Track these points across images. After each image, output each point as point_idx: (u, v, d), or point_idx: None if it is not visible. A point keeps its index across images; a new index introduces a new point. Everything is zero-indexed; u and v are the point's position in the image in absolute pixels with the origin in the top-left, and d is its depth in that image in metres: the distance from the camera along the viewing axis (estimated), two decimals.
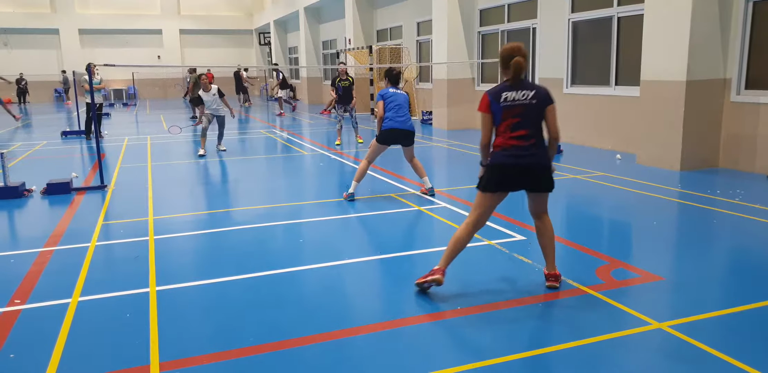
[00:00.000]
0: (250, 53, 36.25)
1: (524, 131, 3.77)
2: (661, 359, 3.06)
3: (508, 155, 3.79)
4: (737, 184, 7.16)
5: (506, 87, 3.81)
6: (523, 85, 3.80)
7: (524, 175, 3.83)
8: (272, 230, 5.77)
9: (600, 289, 3.95)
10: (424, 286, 3.93)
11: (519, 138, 3.77)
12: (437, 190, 7.20)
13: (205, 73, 10.85)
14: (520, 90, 3.78)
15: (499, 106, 3.78)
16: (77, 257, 4.90)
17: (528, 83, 3.83)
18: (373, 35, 20.35)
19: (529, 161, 3.79)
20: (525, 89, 3.78)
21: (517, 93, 3.77)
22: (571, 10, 11.05)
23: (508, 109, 3.77)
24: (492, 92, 3.82)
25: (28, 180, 7.88)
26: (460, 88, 14.28)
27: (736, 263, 4.69)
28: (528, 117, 3.78)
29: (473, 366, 2.98)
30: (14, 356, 3.21)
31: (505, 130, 3.80)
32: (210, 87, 10.57)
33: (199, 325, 3.58)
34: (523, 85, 3.80)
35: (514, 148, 3.78)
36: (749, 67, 8.04)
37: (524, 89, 3.78)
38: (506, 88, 3.80)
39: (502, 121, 3.80)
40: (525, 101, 3.77)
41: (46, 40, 31.51)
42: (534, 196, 3.97)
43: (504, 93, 3.78)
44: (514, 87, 3.79)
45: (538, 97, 3.79)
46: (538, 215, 4.04)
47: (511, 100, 3.76)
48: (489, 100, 3.81)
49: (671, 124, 8.18)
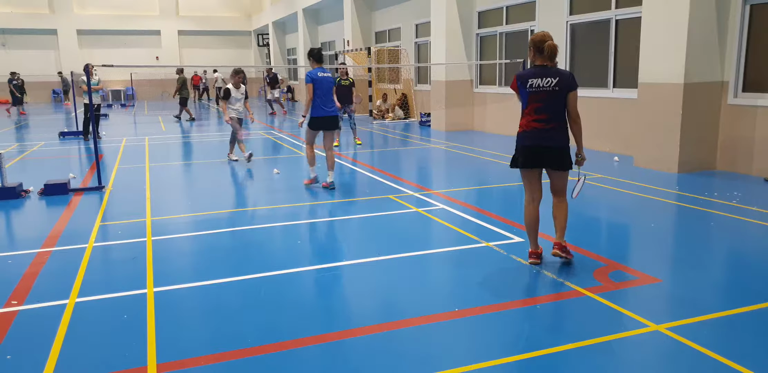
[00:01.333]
0: (248, 54, 36.26)
1: (545, 115, 4.21)
2: (658, 362, 3.06)
3: (529, 137, 4.28)
4: (735, 187, 7.17)
5: (533, 72, 4.20)
6: (549, 71, 4.18)
7: (543, 155, 4.27)
8: (270, 231, 5.76)
9: (597, 291, 3.96)
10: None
11: (539, 121, 4.23)
12: (436, 192, 7.21)
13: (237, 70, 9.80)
14: (546, 77, 4.16)
15: (525, 91, 4.21)
16: (75, 258, 4.89)
17: (553, 70, 4.19)
18: (371, 37, 20.37)
19: (547, 143, 4.24)
20: (549, 76, 4.16)
21: (542, 80, 4.16)
22: (570, 13, 11.07)
23: (534, 95, 4.20)
24: (521, 76, 4.24)
25: (26, 181, 7.87)
26: (458, 89, 14.29)
27: (733, 265, 4.70)
28: (549, 103, 4.19)
29: (471, 368, 2.98)
30: (11, 357, 3.20)
31: (529, 113, 4.27)
32: (240, 85, 9.80)
33: (196, 326, 3.58)
34: (548, 71, 4.18)
35: (534, 130, 4.25)
36: (746, 70, 8.06)
37: (549, 76, 4.16)
38: (533, 73, 4.19)
39: (528, 104, 4.26)
40: (548, 88, 4.17)
41: (44, 41, 31.48)
42: (552, 174, 4.41)
43: (530, 79, 4.19)
44: (540, 73, 4.18)
45: (560, 85, 4.17)
46: (557, 193, 4.44)
47: (536, 86, 4.17)
48: (518, 84, 4.27)
49: (669, 126, 8.19)
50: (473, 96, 14.40)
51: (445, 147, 11.60)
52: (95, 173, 8.02)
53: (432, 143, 12.24)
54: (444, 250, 5.01)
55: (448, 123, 14.33)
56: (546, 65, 4.22)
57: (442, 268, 4.64)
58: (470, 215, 6.07)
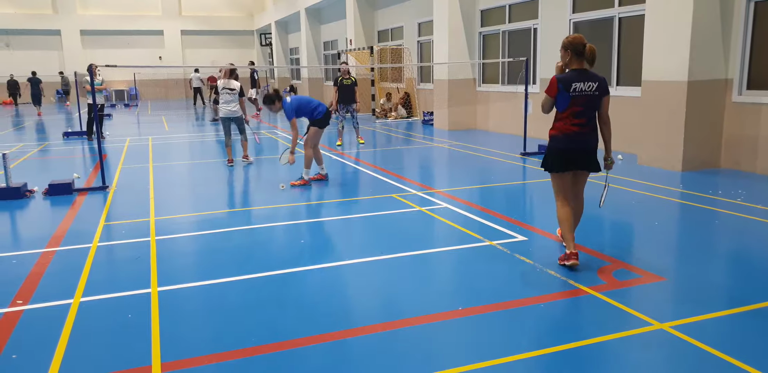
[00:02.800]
0: (251, 54, 36.28)
1: (584, 119, 4.24)
2: (663, 360, 3.06)
3: (568, 140, 4.27)
4: (739, 185, 7.15)
5: (575, 76, 4.15)
6: (589, 75, 4.17)
7: (579, 157, 4.31)
8: (273, 230, 5.77)
9: (602, 289, 3.95)
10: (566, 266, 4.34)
11: (579, 125, 4.24)
12: (439, 190, 7.20)
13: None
14: (587, 81, 4.15)
15: (568, 95, 4.16)
16: (79, 257, 4.91)
17: (592, 74, 4.21)
18: (374, 36, 20.36)
19: (585, 146, 4.29)
20: (590, 80, 4.16)
21: (585, 84, 4.15)
22: (573, 11, 11.05)
23: (576, 99, 4.17)
24: (563, 80, 4.15)
25: (30, 181, 7.90)
26: (461, 88, 14.27)
27: (737, 263, 4.69)
28: (589, 107, 4.22)
29: (475, 367, 2.98)
30: (16, 356, 3.21)
31: (568, 117, 4.23)
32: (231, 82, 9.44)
33: (200, 325, 3.58)
34: (589, 75, 4.17)
35: (574, 134, 4.25)
36: (751, 68, 8.03)
37: (590, 80, 4.16)
38: (575, 77, 4.15)
39: (567, 108, 4.21)
40: (590, 93, 4.18)
41: (48, 41, 31.56)
42: (579, 176, 4.46)
43: (574, 83, 4.14)
44: (581, 77, 4.15)
45: (600, 89, 4.21)
46: (577, 195, 4.52)
47: (580, 90, 4.15)
48: (559, 88, 4.17)
49: (673, 124, 8.17)
50: (476, 95, 14.38)
51: (448, 146, 11.59)
52: (99, 173, 8.04)
53: (435, 142, 12.23)
54: (447, 249, 5.01)
55: (451, 122, 14.32)
56: (585, 69, 4.20)
57: (445, 267, 4.64)
58: (473, 214, 6.07)
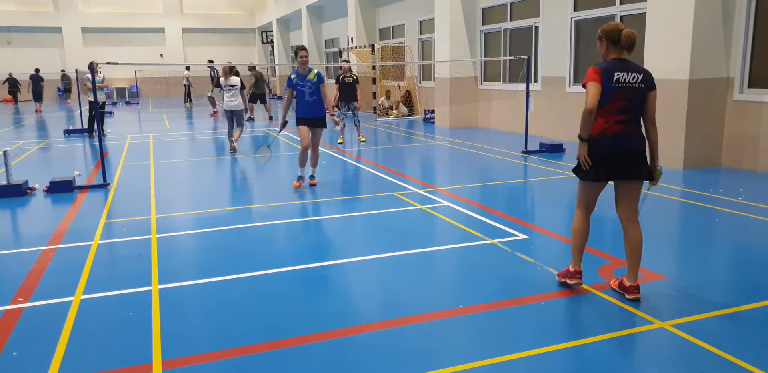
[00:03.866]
0: (252, 52, 36.28)
1: (629, 116, 3.63)
2: (664, 358, 3.05)
3: (613, 141, 3.62)
4: (740, 183, 7.14)
5: (616, 65, 3.61)
6: (630, 65, 3.64)
7: (625, 162, 3.66)
8: (275, 228, 5.77)
9: (603, 288, 3.95)
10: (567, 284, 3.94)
11: (623, 123, 3.63)
12: (440, 189, 7.20)
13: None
14: (631, 72, 3.60)
15: (611, 86, 3.57)
16: (80, 255, 4.91)
17: (634, 64, 3.66)
18: (375, 34, 20.34)
19: (630, 147, 3.65)
20: (634, 71, 3.62)
21: (628, 75, 3.59)
22: (574, 9, 11.03)
23: (619, 91, 3.59)
24: (604, 68, 3.60)
25: (31, 178, 7.90)
26: (462, 86, 14.26)
27: (739, 262, 4.68)
28: (634, 101, 3.63)
29: (475, 365, 2.98)
30: (17, 353, 3.22)
31: (611, 113, 3.62)
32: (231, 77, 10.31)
33: (201, 323, 3.59)
34: (630, 65, 3.64)
35: (618, 134, 3.63)
36: (752, 66, 8.02)
37: (633, 71, 3.61)
38: (617, 66, 3.60)
39: (609, 102, 3.59)
40: (635, 85, 3.61)
41: (49, 39, 31.56)
42: (627, 187, 3.76)
43: (616, 73, 3.58)
44: (623, 67, 3.61)
45: (645, 82, 3.63)
46: (630, 217, 3.80)
47: (623, 81, 3.58)
48: (601, 76, 3.57)
49: (674, 122, 8.16)
50: (478, 93, 14.37)
51: (449, 144, 11.58)
52: (100, 171, 8.04)
53: (436, 140, 12.23)
54: (448, 247, 5.01)
55: (453, 120, 14.31)
56: (625, 59, 3.66)
57: (446, 265, 4.64)
58: (475, 212, 6.06)
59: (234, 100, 10.27)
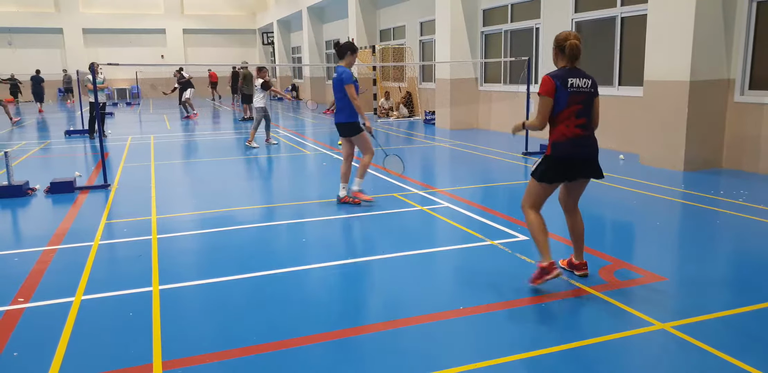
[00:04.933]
0: (253, 53, 36.29)
1: (585, 119, 3.81)
2: (664, 360, 3.05)
3: (575, 145, 3.80)
4: (741, 185, 7.14)
5: (568, 72, 3.79)
6: (581, 72, 3.83)
7: (585, 165, 3.89)
8: (275, 229, 5.77)
9: (603, 289, 3.95)
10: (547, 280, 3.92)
11: (581, 127, 3.81)
12: (440, 190, 7.20)
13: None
14: (582, 77, 3.79)
15: (566, 91, 3.73)
16: (80, 255, 4.91)
17: (582, 71, 3.84)
18: (376, 35, 20.35)
19: (590, 151, 3.89)
20: (584, 77, 3.80)
21: (580, 80, 3.78)
22: (575, 10, 11.04)
23: (575, 96, 3.75)
24: (557, 76, 3.76)
25: (32, 179, 7.90)
26: (463, 87, 14.27)
27: (739, 263, 4.68)
28: (587, 105, 3.81)
29: (476, 366, 2.97)
30: (18, 354, 3.22)
31: (569, 117, 3.77)
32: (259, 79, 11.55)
33: (201, 324, 3.59)
34: (580, 72, 3.82)
35: (579, 138, 3.80)
36: (753, 68, 8.02)
37: (583, 77, 3.80)
38: (569, 73, 3.79)
39: (566, 107, 3.76)
40: (587, 90, 3.79)
41: (50, 40, 31.58)
42: (579, 184, 4.01)
43: (570, 78, 3.76)
44: (575, 73, 3.79)
45: (594, 87, 3.84)
46: (572, 207, 4.11)
47: (577, 86, 3.76)
48: (555, 84, 3.74)
49: (675, 124, 8.16)
50: (478, 94, 14.38)
51: (449, 145, 11.58)
52: (101, 171, 8.04)
53: (436, 141, 12.23)
54: (449, 248, 5.01)
55: (453, 121, 14.31)
56: (574, 67, 3.83)
57: (446, 266, 4.64)
58: (475, 214, 6.06)
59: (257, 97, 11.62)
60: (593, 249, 4.77)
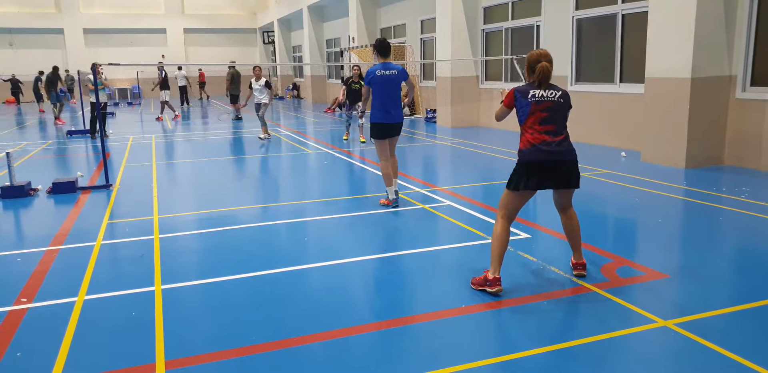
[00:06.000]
0: (253, 52, 36.29)
1: (553, 126, 3.86)
2: (666, 357, 3.05)
3: (540, 151, 3.82)
4: (743, 182, 7.13)
5: (534, 86, 3.92)
6: (550, 86, 3.93)
7: (555, 172, 3.88)
8: (276, 228, 5.78)
9: (605, 287, 3.94)
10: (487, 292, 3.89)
11: (548, 133, 3.84)
12: (442, 188, 7.19)
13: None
14: (548, 89, 3.90)
15: (527, 101, 3.86)
16: (83, 255, 4.92)
17: (554, 85, 3.95)
18: (376, 33, 20.33)
19: (559, 158, 3.85)
20: (551, 89, 3.91)
21: (546, 91, 3.88)
22: (576, 8, 11.02)
23: (537, 104, 3.85)
24: (520, 89, 3.93)
25: (34, 179, 7.92)
26: (463, 85, 14.26)
27: (741, 260, 4.67)
28: (556, 113, 3.88)
29: (478, 364, 2.98)
30: (21, 354, 3.22)
31: (533, 124, 3.86)
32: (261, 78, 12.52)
33: (204, 323, 3.59)
34: (549, 86, 3.93)
35: (543, 143, 3.82)
36: (755, 64, 8.00)
37: (550, 89, 3.91)
38: (534, 87, 3.91)
39: (530, 114, 3.86)
40: (553, 98, 3.88)
41: (51, 40, 31.61)
42: (562, 192, 4.06)
43: (532, 90, 3.89)
44: (540, 87, 3.91)
45: (564, 98, 3.93)
46: (564, 209, 4.14)
47: (540, 96, 3.86)
48: (515, 96, 3.91)
49: (676, 121, 8.15)
50: (479, 92, 14.37)
51: (451, 143, 11.58)
52: (102, 172, 8.05)
53: (438, 140, 12.22)
54: (450, 246, 5.01)
55: (454, 119, 14.31)
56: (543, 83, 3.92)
57: (448, 264, 4.64)
58: (476, 212, 6.06)
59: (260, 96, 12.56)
60: (595, 247, 4.77)
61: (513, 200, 3.96)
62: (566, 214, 4.14)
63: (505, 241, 3.92)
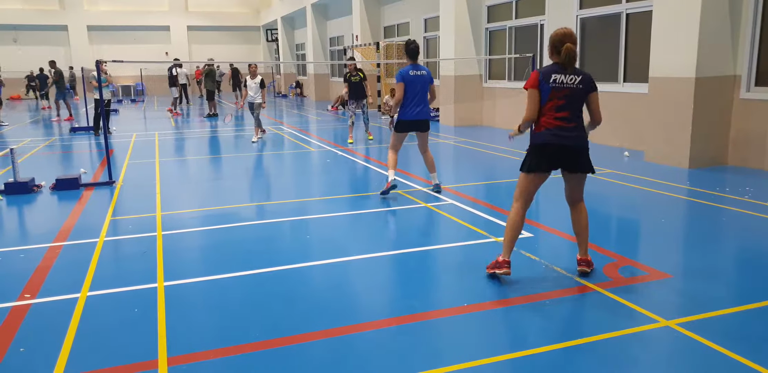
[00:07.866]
0: (257, 50, 36.31)
1: (567, 113, 3.94)
2: (668, 357, 3.05)
3: (552, 135, 3.93)
4: (746, 182, 7.11)
5: (556, 69, 3.95)
6: (570, 69, 3.96)
7: (565, 155, 3.98)
8: (279, 226, 5.78)
9: (607, 286, 3.94)
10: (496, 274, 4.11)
11: (562, 119, 3.94)
12: (444, 187, 7.19)
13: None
14: (569, 74, 3.93)
15: (548, 86, 3.92)
16: (86, 252, 4.93)
17: (576, 69, 3.98)
18: (380, 32, 20.32)
19: (571, 142, 3.95)
20: (573, 74, 3.94)
21: (566, 77, 3.92)
22: (580, 7, 11.00)
23: (556, 91, 3.92)
24: (543, 71, 3.96)
25: (38, 176, 7.93)
26: (467, 84, 14.24)
27: (744, 260, 4.67)
28: (572, 100, 3.95)
29: (479, 363, 2.98)
30: (24, 349, 3.24)
31: (550, 110, 3.95)
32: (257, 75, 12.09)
33: (206, 320, 3.60)
34: (568, 69, 3.95)
35: (557, 128, 3.93)
36: (759, 64, 7.98)
37: (572, 74, 3.94)
38: (556, 69, 3.94)
39: (548, 101, 3.95)
40: (572, 85, 3.93)
41: (55, 37, 31.66)
42: (571, 178, 4.10)
43: (554, 74, 3.92)
44: (563, 70, 3.94)
45: (583, 83, 3.95)
46: (574, 202, 4.19)
47: (560, 82, 3.91)
48: (539, 78, 3.94)
49: (680, 121, 8.13)
50: (483, 91, 14.35)
51: (454, 142, 11.57)
52: (106, 168, 8.07)
53: (441, 138, 12.21)
54: (453, 245, 5.00)
55: (457, 118, 14.29)
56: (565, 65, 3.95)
57: (451, 263, 4.64)
58: (479, 211, 6.06)
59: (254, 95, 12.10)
60: (598, 246, 4.77)
61: (527, 183, 4.06)
62: (576, 208, 4.19)
63: (516, 225, 4.05)
